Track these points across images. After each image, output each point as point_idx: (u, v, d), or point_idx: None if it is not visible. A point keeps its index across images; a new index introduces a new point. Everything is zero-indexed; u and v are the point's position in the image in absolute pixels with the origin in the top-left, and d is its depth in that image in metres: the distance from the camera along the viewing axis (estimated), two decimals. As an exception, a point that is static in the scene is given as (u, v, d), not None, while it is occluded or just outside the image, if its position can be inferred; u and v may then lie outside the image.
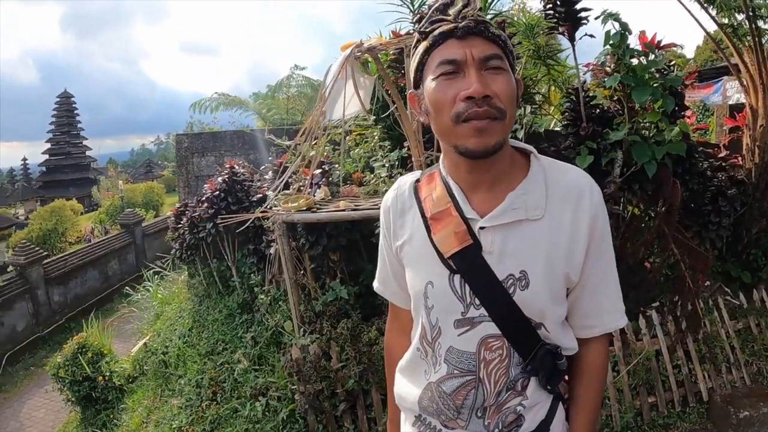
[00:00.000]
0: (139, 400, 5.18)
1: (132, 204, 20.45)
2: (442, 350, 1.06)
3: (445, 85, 0.94)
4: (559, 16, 3.22)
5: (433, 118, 1.00)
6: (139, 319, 6.88)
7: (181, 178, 6.89)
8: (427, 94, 0.99)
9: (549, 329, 1.04)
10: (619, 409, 3.07)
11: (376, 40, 2.82)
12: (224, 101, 11.59)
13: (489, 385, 1.04)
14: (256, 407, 3.29)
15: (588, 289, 1.07)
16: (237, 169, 4.89)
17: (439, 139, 1.04)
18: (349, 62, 2.56)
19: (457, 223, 1.02)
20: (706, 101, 9.40)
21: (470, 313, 1.02)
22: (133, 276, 11.89)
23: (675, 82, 3.14)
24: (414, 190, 1.14)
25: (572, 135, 2.98)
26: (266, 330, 3.69)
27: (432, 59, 0.98)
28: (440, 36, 0.97)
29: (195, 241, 4.91)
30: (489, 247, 1.00)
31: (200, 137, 7.27)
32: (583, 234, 1.01)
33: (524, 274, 0.99)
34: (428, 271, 1.06)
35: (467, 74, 0.93)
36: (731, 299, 3.78)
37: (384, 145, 3.64)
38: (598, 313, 1.09)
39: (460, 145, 0.96)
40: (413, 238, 1.10)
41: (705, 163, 3.53)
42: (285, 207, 2.87)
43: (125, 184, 24.89)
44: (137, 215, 14.41)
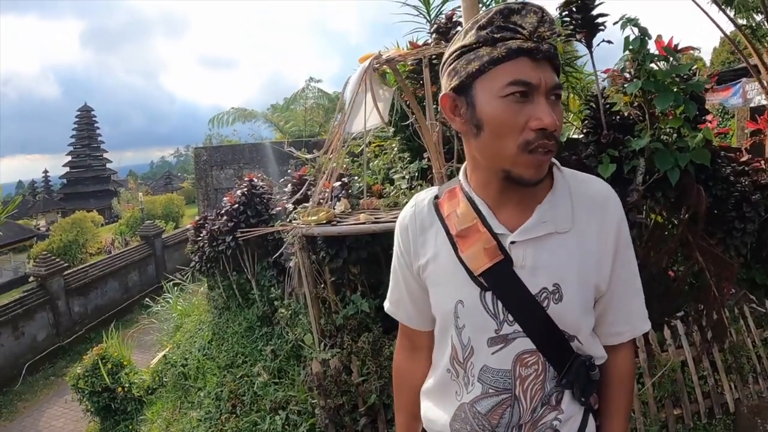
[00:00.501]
0: (159, 411, 5.21)
1: (152, 216, 20.72)
2: (475, 370, 1.03)
3: (516, 109, 0.89)
4: (576, 23, 3.20)
5: (490, 139, 0.93)
6: (158, 330, 6.92)
7: (200, 191, 6.95)
8: (488, 112, 0.92)
9: (582, 341, 1.05)
10: (644, 422, 3.00)
11: (394, 51, 2.82)
12: (242, 114, 11.70)
13: (525, 401, 1.03)
14: (276, 421, 3.28)
15: (616, 296, 1.07)
16: (256, 181, 4.90)
17: (484, 158, 0.98)
18: (367, 74, 2.56)
19: (486, 239, 1.00)
20: (725, 104, 9.28)
21: (504, 330, 1.01)
22: (153, 287, 12.04)
23: (697, 87, 3.09)
24: (435, 207, 1.10)
25: (593, 143, 2.95)
26: (286, 343, 3.67)
27: (500, 73, 0.90)
28: (516, 51, 0.89)
29: (214, 254, 4.92)
30: (521, 262, 0.98)
31: (219, 150, 7.34)
32: (610, 243, 1.03)
33: (557, 287, 0.99)
34: (457, 289, 1.03)
35: (536, 101, 0.90)
36: (757, 307, 3.69)
37: (403, 156, 3.63)
38: (627, 319, 1.10)
39: (516, 173, 0.94)
40: (438, 256, 1.06)
41: (728, 168, 3.46)
42: (305, 220, 2.87)
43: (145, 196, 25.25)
44: (157, 227, 14.57)
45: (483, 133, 0.94)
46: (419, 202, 1.14)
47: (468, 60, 0.93)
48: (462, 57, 0.94)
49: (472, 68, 0.92)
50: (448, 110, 1.01)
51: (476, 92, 0.93)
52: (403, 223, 1.14)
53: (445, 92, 1.00)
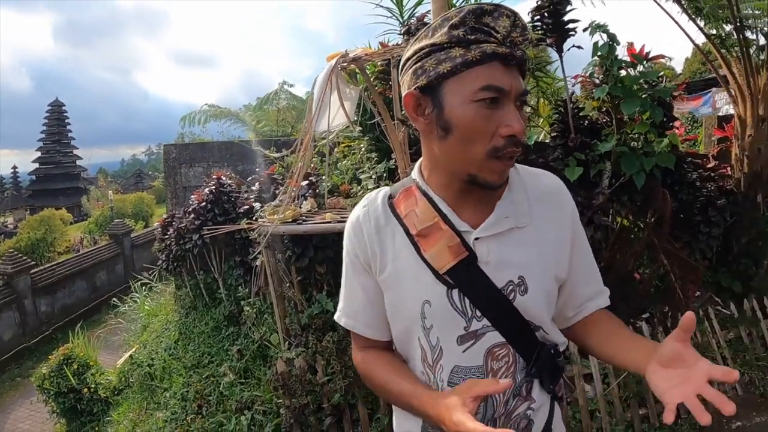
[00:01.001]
0: (125, 412, 5.12)
1: (122, 214, 20.32)
2: (444, 374, 1.02)
3: (487, 114, 0.89)
4: (547, 28, 3.23)
5: (458, 143, 0.92)
6: (126, 330, 6.84)
7: (169, 189, 6.87)
8: (457, 115, 0.90)
9: (547, 330, 1.07)
10: (610, 422, 3.02)
11: (361, 50, 2.80)
12: (214, 113, 11.62)
13: (498, 394, 1.02)
14: (242, 421, 3.25)
15: (577, 281, 1.11)
16: (224, 180, 4.87)
17: (449, 161, 0.96)
18: (334, 73, 2.54)
19: (449, 236, 0.98)
20: (695, 113, 9.56)
21: (473, 326, 1.00)
22: (121, 287, 11.80)
23: (664, 93, 3.16)
24: (390, 207, 1.06)
25: (561, 146, 2.98)
26: (252, 343, 3.65)
27: (472, 76, 0.88)
28: (491, 56, 0.87)
29: (181, 253, 4.86)
30: (485, 258, 0.98)
31: (188, 148, 7.27)
32: (567, 233, 1.07)
33: (522, 280, 1.00)
34: (422, 290, 1.01)
35: (506, 108, 0.90)
36: (722, 309, 3.78)
37: (371, 156, 3.61)
38: (595, 293, 1.14)
39: (481, 178, 0.94)
40: (398, 257, 1.03)
41: (694, 174, 3.55)
42: (271, 218, 2.84)
43: (115, 195, 24.75)
44: (126, 226, 14.32)
45: (450, 137, 0.92)
46: (372, 201, 1.10)
47: (438, 59, 0.89)
48: (431, 55, 0.90)
49: (443, 69, 0.89)
50: (411, 109, 0.97)
51: (445, 94, 0.90)
52: (357, 223, 1.08)
53: (409, 90, 0.95)
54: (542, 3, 3.29)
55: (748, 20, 4.16)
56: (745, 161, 4.12)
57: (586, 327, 1.15)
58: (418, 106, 0.95)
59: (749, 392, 3.34)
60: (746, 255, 4.02)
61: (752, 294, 3.88)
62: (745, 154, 4.11)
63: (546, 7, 3.27)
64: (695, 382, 0.81)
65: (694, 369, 0.83)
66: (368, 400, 2.88)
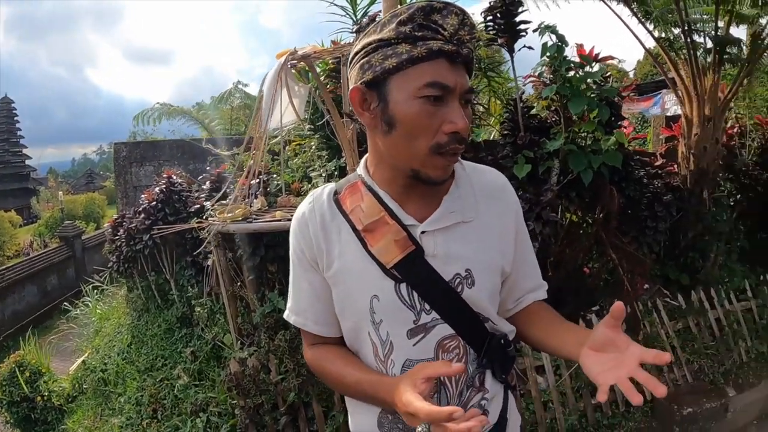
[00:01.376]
0: (80, 420, 4.95)
1: (72, 216, 19.54)
2: (396, 368, 1.02)
3: (431, 110, 0.89)
4: (499, 28, 3.28)
5: (401, 139, 0.93)
6: (78, 335, 6.64)
7: (119, 189, 6.69)
8: (401, 111, 0.90)
9: (495, 321, 1.09)
10: (563, 412, 3.09)
11: (310, 48, 2.79)
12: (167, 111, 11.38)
13: (451, 386, 1.04)
14: (197, 424, 3.20)
15: (521, 273, 1.15)
16: (175, 179, 4.79)
17: (392, 156, 0.97)
18: (283, 70, 2.52)
19: (396, 230, 0.99)
20: (645, 113, 9.92)
21: (422, 319, 1.01)
22: (72, 291, 11.34)
23: (610, 93, 3.25)
24: (335, 203, 1.06)
25: (510, 144, 3.04)
26: (206, 344, 3.60)
27: (418, 73, 0.88)
28: (437, 53, 0.88)
29: (132, 254, 4.76)
30: (432, 251, 0.99)
31: (139, 146, 7.10)
32: (511, 228, 1.10)
33: (469, 273, 1.02)
34: (370, 285, 1.01)
35: (450, 105, 0.90)
36: (670, 301, 3.89)
37: (321, 155, 3.59)
38: (535, 287, 1.19)
39: (424, 174, 0.94)
40: (344, 253, 1.03)
41: (641, 171, 3.66)
42: (221, 217, 2.80)
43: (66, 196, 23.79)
44: (77, 227, 13.72)
45: (394, 132, 0.92)
46: (317, 197, 1.09)
47: (385, 55, 0.90)
48: (378, 51, 0.91)
49: (389, 64, 0.89)
50: (356, 104, 0.97)
51: (390, 89, 0.91)
52: (302, 219, 1.08)
53: (355, 85, 0.96)
54: (495, 3, 3.34)
55: (696, 24, 4.31)
56: (691, 159, 4.27)
57: (523, 318, 1.18)
58: (364, 101, 0.96)
59: (699, 380, 3.46)
60: (693, 249, 4.17)
61: (699, 286, 4.01)
62: (692, 152, 4.27)
63: (498, 7, 3.32)
64: (628, 365, 0.84)
65: (626, 353, 0.86)
66: (323, 398, 2.87)
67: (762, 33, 4.36)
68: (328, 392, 2.84)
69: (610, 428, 3.17)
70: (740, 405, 3.35)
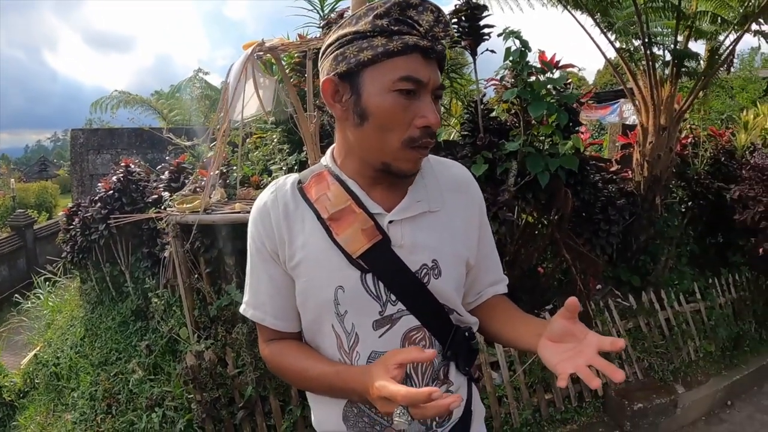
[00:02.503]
0: (32, 416, 4.80)
1: (24, 205, 18.70)
2: (362, 360, 1.01)
3: (404, 104, 0.90)
4: (463, 31, 3.35)
5: (374, 132, 0.93)
6: (29, 329, 6.41)
7: (75, 177, 6.49)
8: (374, 103, 0.91)
9: (461, 313, 1.10)
10: (517, 407, 3.17)
11: (278, 40, 2.79)
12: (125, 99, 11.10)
13: (417, 378, 1.04)
14: (153, 419, 3.14)
15: (483, 267, 1.17)
16: (133, 168, 4.71)
17: (363, 149, 0.97)
18: (250, 61, 2.52)
19: (363, 219, 0.98)
20: (603, 121, 10.24)
21: (388, 310, 1.00)
22: (23, 283, 10.87)
23: (569, 98, 3.34)
24: (300, 191, 1.04)
25: (470, 145, 3.10)
26: (161, 338, 3.53)
27: (392, 66, 0.89)
28: (412, 47, 0.89)
29: (87, 244, 4.64)
30: (399, 241, 0.99)
31: (97, 133, 6.91)
32: (476, 221, 1.12)
33: (436, 263, 1.02)
34: (335, 275, 0.99)
35: (422, 99, 0.92)
36: (622, 301, 4.01)
37: (283, 148, 3.59)
38: (496, 281, 1.21)
39: (395, 167, 0.95)
40: (308, 243, 1.00)
41: (597, 176, 3.78)
42: (179, 208, 2.77)
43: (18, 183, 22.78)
44: (29, 217, 13.08)
45: (367, 124, 0.93)
46: (280, 186, 1.06)
47: (360, 47, 0.90)
48: (353, 43, 0.91)
49: (364, 57, 0.89)
50: (328, 95, 0.97)
51: (364, 81, 0.91)
52: (264, 209, 1.04)
53: (328, 76, 0.95)
54: (460, 7, 3.42)
55: (656, 37, 4.48)
56: (645, 166, 4.43)
57: (482, 311, 1.19)
58: (336, 93, 0.96)
59: (649, 377, 3.59)
60: (644, 252, 4.33)
61: (650, 287, 4.17)
62: (646, 160, 4.42)
63: (464, 11, 3.39)
64: (586, 354, 0.86)
65: (583, 343, 0.88)
66: (280, 392, 2.87)
67: (719, 49, 4.55)
68: (286, 386, 2.83)
69: (563, 422, 3.25)
70: (689, 401, 3.49)
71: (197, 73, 11.77)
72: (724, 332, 4.07)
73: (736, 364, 4.00)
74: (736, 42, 4.39)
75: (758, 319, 4.40)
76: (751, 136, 5.72)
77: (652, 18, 4.46)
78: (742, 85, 10.87)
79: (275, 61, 3.00)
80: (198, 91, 11.40)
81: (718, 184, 4.80)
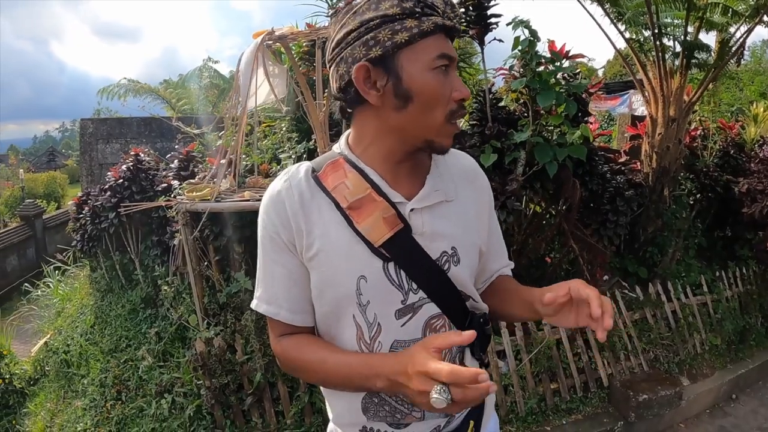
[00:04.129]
0: (42, 403, 4.87)
1: (33, 195, 18.78)
2: (384, 349, 0.99)
3: (443, 81, 0.93)
4: (470, 20, 3.34)
5: (420, 110, 0.94)
6: (39, 317, 6.48)
7: (84, 166, 6.51)
8: (418, 83, 0.92)
9: (475, 299, 1.11)
10: (523, 396, 3.18)
11: (287, 29, 2.79)
12: (133, 88, 11.11)
13: None
14: (162, 405, 3.18)
15: (493, 253, 1.21)
16: (142, 156, 4.72)
17: (409, 130, 0.97)
18: (260, 50, 2.52)
19: (384, 208, 0.97)
20: (612, 112, 10.17)
21: (410, 299, 1.00)
22: (33, 272, 10.96)
23: (578, 88, 3.33)
24: (315, 180, 1.01)
25: (478, 134, 3.10)
26: (170, 325, 3.57)
27: (427, 46, 0.91)
28: (441, 27, 0.92)
29: (97, 232, 4.67)
30: (420, 229, 0.99)
31: (106, 123, 6.92)
32: (486, 209, 1.15)
33: (455, 250, 1.03)
34: (357, 265, 0.97)
35: (452, 75, 0.94)
36: (628, 292, 4.00)
37: (292, 136, 3.60)
38: (503, 266, 1.25)
39: (438, 143, 0.97)
40: (327, 233, 0.97)
41: (605, 166, 3.77)
42: (189, 196, 2.79)
43: (26, 174, 22.90)
44: (38, 206, 13.15)
45: (410, 105, 0.93)
46: (293, 174, 1.03)
47: (393, 30, 0.90)
48: (384, 26, 0.90)
49: (401, 38, 0.89)
50: (361, 82, 0.94)
51: (401, 64, 0.91)
52: (277, 197, 1.00)
53: (361, 63, 0.92)
54: (467, -4, 3.40)
55: (666, 28, 4.43)
56: (654, 157, 4.40)
57: (487, 292, 1.22)
58: (368, 78, 0.94)
59: (654, 368, 3.60)
60: (652, 243, 4.32)
61: (657, 279, 4.15)
62: (655, 151, 4.40)
63: (471, 0, 3.38)
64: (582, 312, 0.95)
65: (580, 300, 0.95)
66: (288, 378, 2.89)
67: (730, 40, 4.51)
68: (294, 372, 2.86)
69: (568, 412, 3.27)
70: (694, 394, 3.50)
71: (207, 61, 11.75)
72: (730, 326, 4.07)
73: (741, 358, 4.01)
74: (747, 34, 4.34)
75: (765, 313, 4.39)
76: (761, 129, 5.68)
77: (662, 8, 4.41)
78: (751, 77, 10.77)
79: (284, 50, 3.00)
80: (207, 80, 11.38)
81: (727, 177, 4.78)
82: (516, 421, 3.15)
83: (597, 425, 3.17)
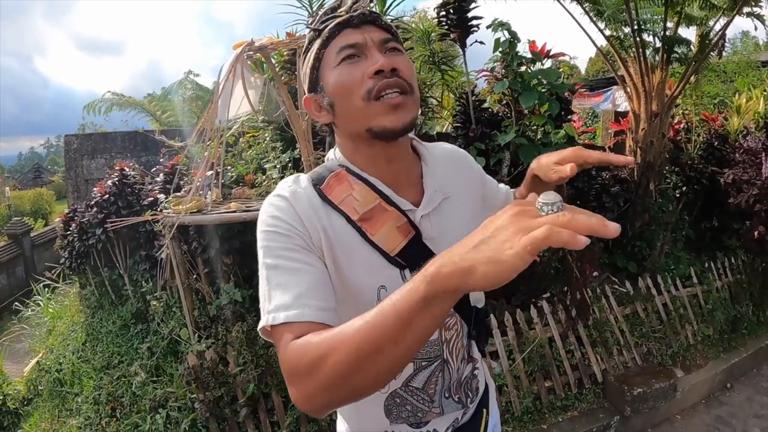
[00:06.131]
0: (37, 423, 4.81)
1: (20, 212, 18.58)
2: None
3: (350, 68, 0.93)
4: (452, 23, 3.36)
5: (341, 106, 0.95)
6: (30, 336, 6.42)
7: (70, 182, 6.46)
8: (330, 84, 0.95)
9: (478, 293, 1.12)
10: (517, 395, 3.19)
11: (267, 39, 2.80)
12: (118, 102, 11.07)
13: (452, 361, 1.07)
14: (157, 420, 3.16)
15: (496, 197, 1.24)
16: (127, 171, 4.72)
17: (349, 129, 0.98)
18: (239, 61, 2.53)
19: (396, 217, 0.97)
20: (596, 109, 10.26)
21: None
22: (22, 291, 10.85)
23: (560, 88, 3.36)
24: (319, 193, 0.97)
25: (462, 136, 3.12)
26: (162, 339, 3.56)
27: (330, 51, 0.95)
28: (336, 28, 0.95)
29: (85, 249, 4.66)
30: (430, 233, 1.00)
31: (90, 138, 6.87)
32: (479, 193, 1.17)
33: None
34: (376, 276, 0.96)
35: (370, 55, 0.93)
36: (618, 287, 4.04)
37: (276, 146, 3.60)
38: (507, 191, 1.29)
39: (376, 126, 0.92)
40: (342, 246, 0.95)
41: (590, 163, 3.80)
42: (175, 209, 2.79)
43: (12, 191, 22.64)
44: (25, 224, 13.01)
45: (337, 106, 0.96)
46: (296, 183, 1.00)
47: (308, 57, 1.00)
48: (307, 56, 1.01)
49: (314, 60, 0.98)
50: (313, 111, 1.02)
51: (322, 78, 0.97)
52: (285, 201, 0.95)
53: (305, 96, 1.03)
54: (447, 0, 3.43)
55: (646, 24, 4.49)
56: (638, 152, 4.45)
57: None
58: (315, 104, 1.02)
59: (648, 361, 3.61)
60: (640, 238, 4.36)
61: (646, 273, 4.18)
62: (639, 146, 4.44)
63: (451, 3, 3.40)
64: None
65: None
66: (282, 388, 2.89)
67: (709, 34, 4.57)
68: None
69: (564, 409, 3.27)
70: (688, 385, 3.52)
71: (188, 74, 11.75)
72: (721, 315, 4.10)
73: (734, 347, 4.03)
74: (726, 26, 4.40)
75: (755, 301, 4.41)
76: (744, 120, 5.74)
77: (641, 5, 4.47)
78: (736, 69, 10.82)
79: (265, 60, 3.01)
80: (189, 93, 11.36)
81: (712, 169, 4.83)
82: (512, 420, 3.15)
83: (593, 421, 3.18)
